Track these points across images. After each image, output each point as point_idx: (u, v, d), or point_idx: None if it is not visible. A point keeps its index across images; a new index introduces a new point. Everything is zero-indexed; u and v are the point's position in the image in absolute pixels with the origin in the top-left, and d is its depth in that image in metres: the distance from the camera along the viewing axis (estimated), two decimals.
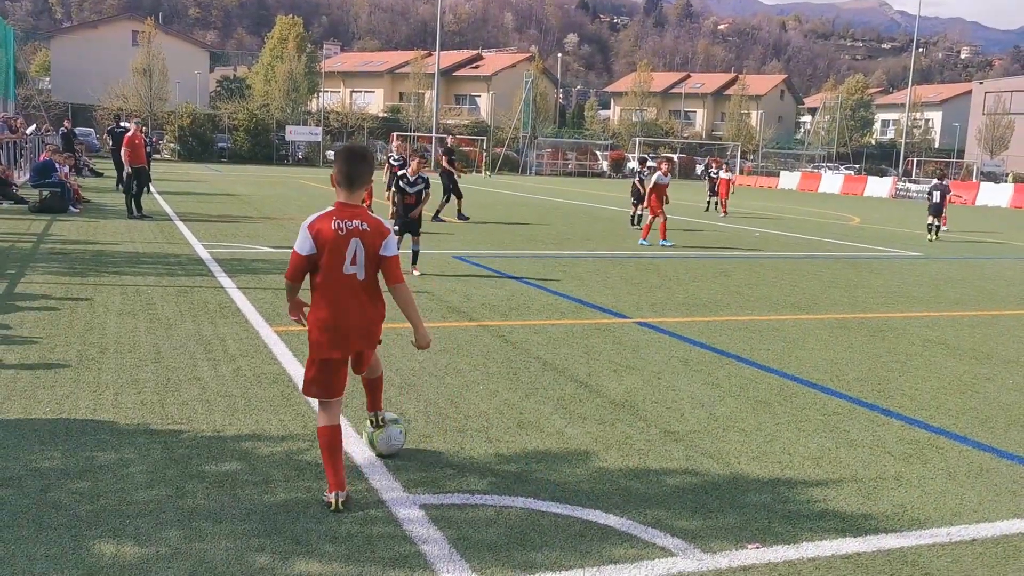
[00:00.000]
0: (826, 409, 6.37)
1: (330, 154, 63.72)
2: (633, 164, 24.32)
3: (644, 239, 17.40)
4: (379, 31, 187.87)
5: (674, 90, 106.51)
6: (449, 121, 75.17)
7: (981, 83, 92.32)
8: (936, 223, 21.87)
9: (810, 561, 3.92)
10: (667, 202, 17.58)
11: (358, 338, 4.44)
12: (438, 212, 20.45)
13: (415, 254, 12.07)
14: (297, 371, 6.66)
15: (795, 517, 4.40)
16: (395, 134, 20.34)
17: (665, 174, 17.51)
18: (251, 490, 4.42)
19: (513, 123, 68.96)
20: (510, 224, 20.89)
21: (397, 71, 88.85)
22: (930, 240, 21.40)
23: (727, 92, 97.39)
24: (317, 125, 63.59)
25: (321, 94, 71.00)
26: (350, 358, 4.51)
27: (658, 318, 9.63)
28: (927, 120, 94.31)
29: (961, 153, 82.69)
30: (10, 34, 40.71)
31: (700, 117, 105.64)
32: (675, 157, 75.42)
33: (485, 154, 63.78)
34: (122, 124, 29.73)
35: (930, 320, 10.34)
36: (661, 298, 11.04)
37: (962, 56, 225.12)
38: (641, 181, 22.52)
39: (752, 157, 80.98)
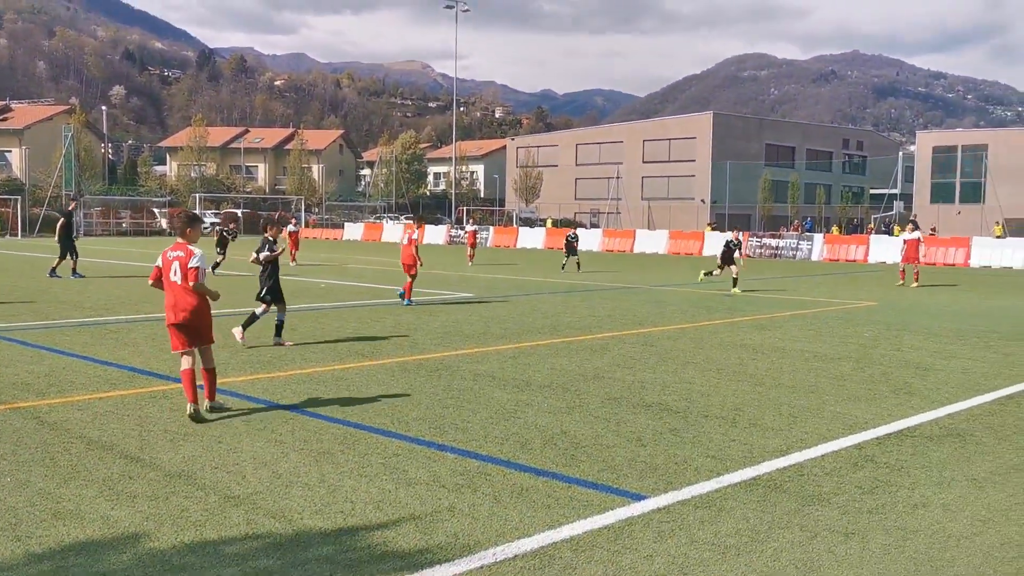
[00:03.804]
0: (387, 452, 6.57)
1: None
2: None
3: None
4: None
5: (233, 145, 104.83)
6: None
7: (513, 139, 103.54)
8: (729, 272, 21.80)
9: None
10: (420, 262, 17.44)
11: (179, 311, 7.55)
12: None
13: None
14: None
15: (356, 564, 4.44)
16: None
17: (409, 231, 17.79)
18: None
19: (53, 180, 62.71)
20: (53, 291, 18.85)
21: None
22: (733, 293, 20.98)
23: (287, 147, 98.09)
24: None
25: None
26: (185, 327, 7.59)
27: (220, 379, 9.25)
28: (472, 172, 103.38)
29: (503, 201, 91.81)
30: None
31: (262, 171, 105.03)
32: (239, 212, 74.06)
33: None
34: None
35: (480, 355, 11.21)
36: (223, 358, 10.64)
37: (496, 115, 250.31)
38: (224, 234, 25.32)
39: (316, 210, 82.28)
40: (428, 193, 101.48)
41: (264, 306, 11.78)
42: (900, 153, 78.96)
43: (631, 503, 5.47)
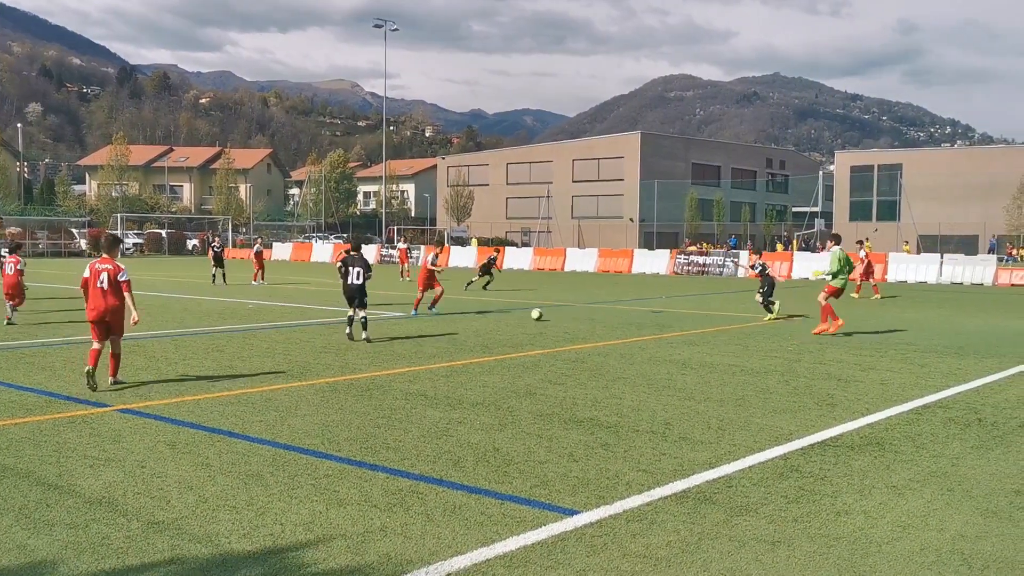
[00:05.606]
0: (318, 473, 6.48)
1: None
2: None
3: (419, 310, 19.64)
4: None
5: (157, 164, 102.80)
6: None
7: (444, 158, 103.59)
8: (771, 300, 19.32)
9: None
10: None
11: (99, 312, 9.57)
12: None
13: None
14: None
15: None
16: None
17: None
18: None
19: None
20: None
21: None
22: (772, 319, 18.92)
23: (214, 166, 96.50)
24: None
25: None
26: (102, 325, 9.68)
27: (143, 403, 9.04)
28: (403, 191, 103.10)
29: (434, 220, 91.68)
30: None
31: (188, 191, 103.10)
32: (164, 233, 72.48)
33: None
34: None
35: (412, 375, 11.15)
36: (148, 380, 10.39)
37: (427, 134, 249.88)
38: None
39: (244, 230, 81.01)
40: (358, 212, 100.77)
41: (364, 310, 14.52)
42: (820, 172, 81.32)
43: (564, 518, 5.49)
